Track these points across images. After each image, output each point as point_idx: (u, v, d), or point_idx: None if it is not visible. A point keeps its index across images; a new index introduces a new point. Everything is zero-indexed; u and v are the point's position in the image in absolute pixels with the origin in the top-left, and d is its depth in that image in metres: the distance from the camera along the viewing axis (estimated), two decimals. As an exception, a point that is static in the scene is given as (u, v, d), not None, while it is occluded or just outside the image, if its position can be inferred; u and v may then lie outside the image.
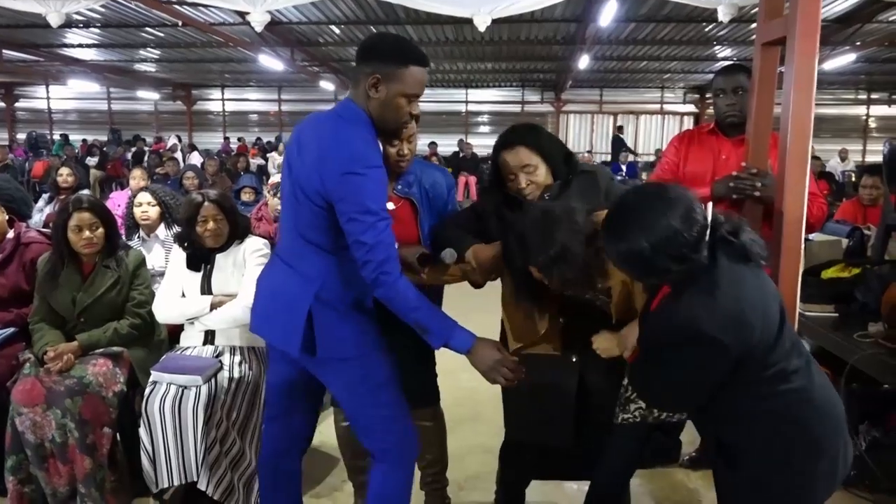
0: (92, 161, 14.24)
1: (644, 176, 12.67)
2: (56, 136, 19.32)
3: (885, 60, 14.26)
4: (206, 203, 2.74)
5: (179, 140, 18.23)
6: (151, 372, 2.59)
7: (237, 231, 2.82)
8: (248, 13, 7.70)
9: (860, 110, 19.55)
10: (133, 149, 16.51)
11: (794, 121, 2.25)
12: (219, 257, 2.81)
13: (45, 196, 5.62)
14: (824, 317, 3.12)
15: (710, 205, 1.69)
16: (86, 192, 5.61)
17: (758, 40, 2.55)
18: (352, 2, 10.00)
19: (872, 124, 20.00)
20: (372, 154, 1.87)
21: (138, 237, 3.69)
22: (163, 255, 3.63)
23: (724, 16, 7.33)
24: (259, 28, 7.82)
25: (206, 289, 2.79)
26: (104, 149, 16.34)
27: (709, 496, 2.90)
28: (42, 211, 5.43)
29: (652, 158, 18.46)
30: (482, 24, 7.60)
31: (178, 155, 14.90)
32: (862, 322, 3.01)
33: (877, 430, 2.99)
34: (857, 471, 2.86)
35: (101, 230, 2.77)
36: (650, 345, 1.77)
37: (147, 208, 3.64)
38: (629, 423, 2.15)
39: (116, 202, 5.82)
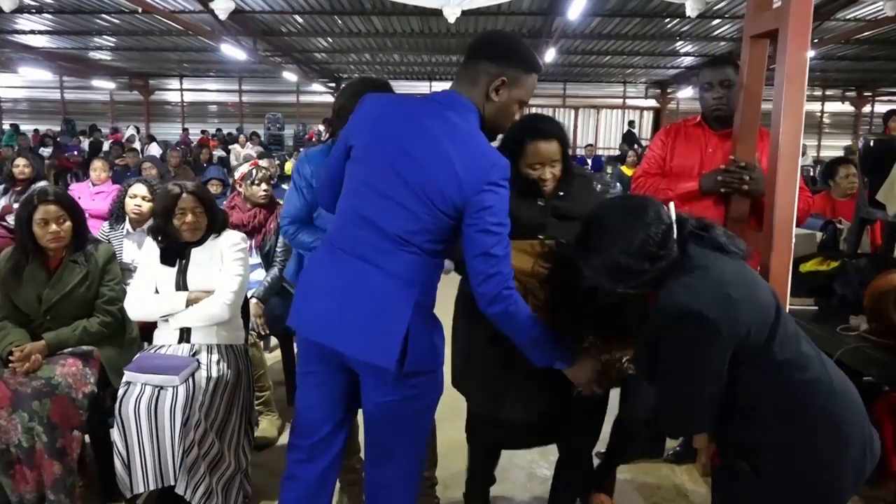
0: (45, 152, 13.76)
1: (609, 169, 12.74)
2: (6, 126, 18.65)
3: (839, 58, 14.63)
4: (184, 195, 2.62)
5: (138, 131, 17.76)
6: (125, 372, 2.47)
7: (215, 224, 2.71)
8: (211, 0, 7.54)
9: (815, 106, 20.04)
10: (89, 139, 16.01)
11: (786, 114, 2.25)
12: (195, 251, 2.69)
13: (0, 188, 5.37)
14: (804, 310, 3.13)
15: (671, 205, 1.72)
16: (43, 183, 5.40)
17: (746, 32, 2.54)
18: (317, -10, 9.83)
19: (827, 120, 20.53)
20: (508, 164, 1.76)
21: (123, 228, 3.53)
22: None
23: (691, 10, 7.43)
24: (223, 16, 7.67)
25: (181, 284, 2.67)
26: (57, 139, 15.82)
27: (697, 491, 2.91)
28: (-3, 203, 5.21)
29: (615, 153, 18.66)
30: (451, 15, 7.55)
31: (137, 146, 14.51)
32: (842, 315, 3.04)
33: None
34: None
35: (68, 223, 2.63)
36: (646, 355, 1.74)
37: (141, 202, 3.47)
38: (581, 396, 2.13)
39: (75, 194, 5.61)
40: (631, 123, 19.03)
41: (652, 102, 20.53)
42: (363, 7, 10.87)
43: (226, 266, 2.66)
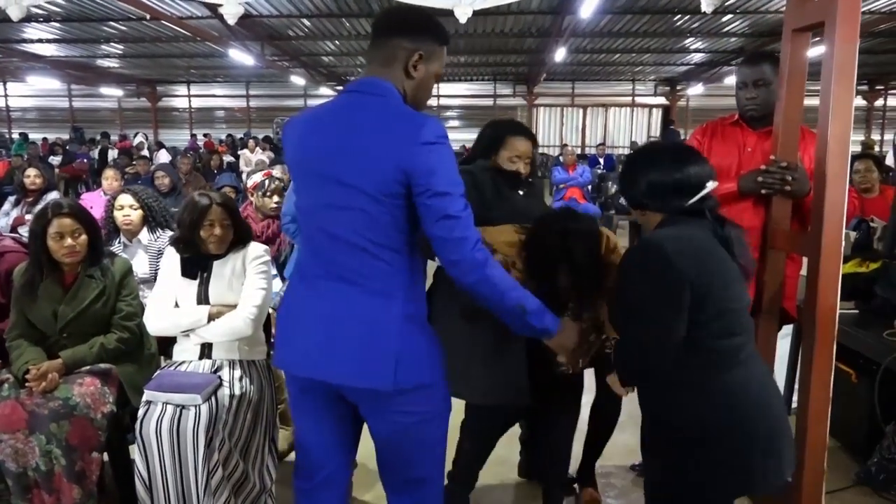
0: (55, 160, 13.74)
1: (620, 168, 12.60)
2: (15, 136, 18.66)
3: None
4: (213, 206, 2.52)
5: (146, 138, 17.72)
6: (145, 391, 2.37)
7: (240, 237, 2.61)
8: (220, 6, 7.46)
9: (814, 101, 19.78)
10: (98, 147, 15.99)
11: (835, 112, 2.14)
12: (216, 264, 2.59)
13: (11, 199, 5.31)
14: (844, 313, 3.01)
15: (712, 183, 1.78)
16: (55, 193, 5.34)
17: (787, 26, 2.43)
18: (324, -7, 9.76)
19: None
20: (438, 122, 1.66)
21: (119, 242, 3.45)
22: (146, 260, 3.40)
23: (707, 6, 7.31)
24: (232, 21, 7.57)
25: (202, 298, 2.57)
26: (66, 147, 15.79)
27: None
28: (8, 214, 5.14)
29: (625, 151, 18.53)
30: (463, 15, 7.46)
31: (145, 153, 14.48)
32: (885, 319, 2.93)
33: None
34: (886, 474, 2.77)
35: (83, 237, 2.54)
36: (619, 293, 1.82)
37: (129, 211, 3.39)
38: (562, 372, 2.18)
39: (88, 203, 5.54)
40: (671, 122, 18.83)
41: (661, 100, 20.38)
42: (371, 9, 10.78)
43: (248, 279, 2.57)
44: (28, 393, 2.38)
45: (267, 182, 3.32)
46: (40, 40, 13.39)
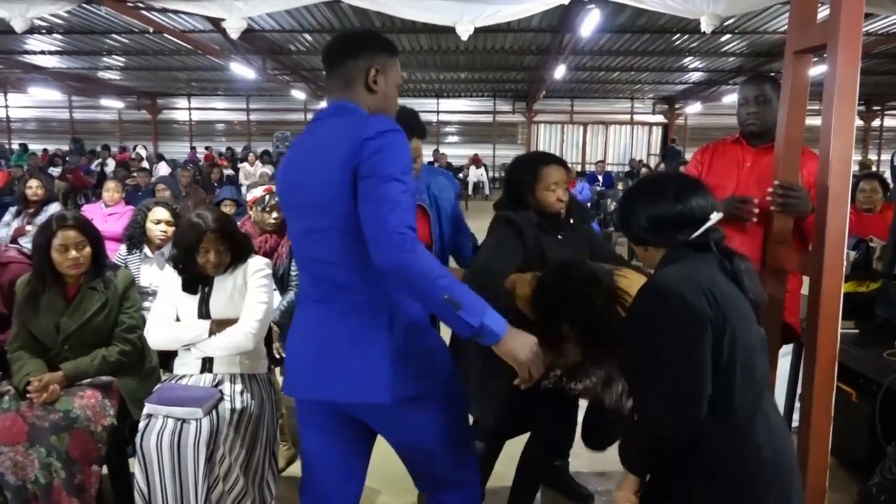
0: (55, 171, 13.74)
1: (620, 186, 12.66)
2: (14, 146, 18.68)
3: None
4: (208, 234, 2.50)
5: (145, 150, 17.77)
6: (146, 404, 2.37)
7: (239, 255, 2.60)
8: (222, 20, 7.50)
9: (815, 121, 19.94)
10: (98, 159, 16.01)
11: (836, 132, 2.15)
12: (217, 279, 2.59)
13: (12, 209, 5.31)
14: (844, 333, 3.00)
15: (717, 215, 1.69)
16: (55, 204, 5.34)
17: (789, 48, 2.45)
18: (327, 9, 9.79)
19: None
20: (387, 121, 1.65)
21: (140, 252, 3.43)
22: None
23: (706, 27, 7.33)
24: (235, 35, 7.60)
25: (203, 312, 2.57)
26: (66, 159, 15.82)
27: None
28: (9, 225, 5.14)
29: (625, 168, 18.60)
30: (464, 32, 7.48)
31: (145, 164, 14.49)
32: (885, 339, 2.93)
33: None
34: (887, 495, 2.76)
35: (88, 249, 2.55)
36: (635, 343, 1.66)
37: (166, 228, 3.38)
38: (547, 388, 2.16)
39: (89, 215, 5.52)
40: (673, 140, 18.94)
41: (660, 118, 20.48)
42: (372, 24, 10.84)
43: (249, 293, 2.56)
44: (29, 405, 2.37)
45: (267, 198, 3.31)
46: (42, 52, 13.43)
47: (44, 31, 11.51)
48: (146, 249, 3.42)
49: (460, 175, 16.97)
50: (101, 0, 7.48)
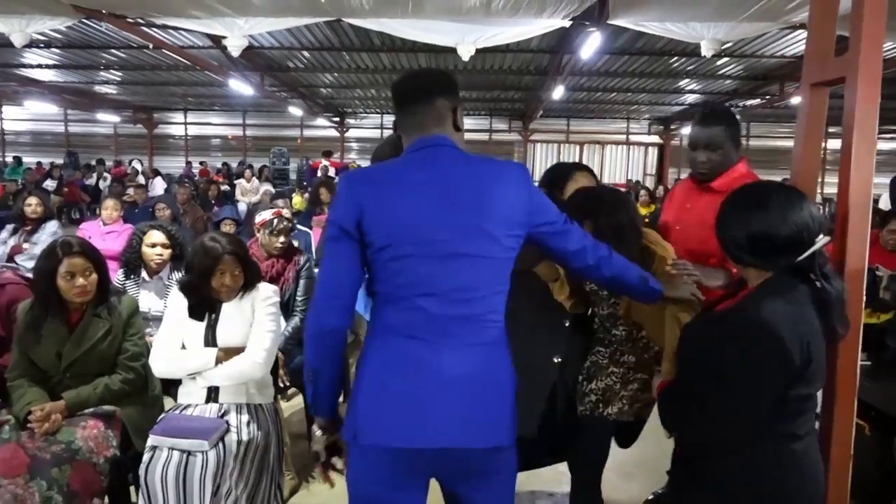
0: (50, 185, 13.67)
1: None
2: (8, 159, 18.59)
3: (842, 96, 14.65)
4: (225, 256, 2.47)
5: (141, 164, 17.70)
6: (150, 436, 2.31)
7: (249, 279, 2.57)
8: (223, 38, 7.49)
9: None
10: (93, 173, 15.94)
11: (856, 165, 2.13)
12: (225, 305, 2.55)
13: (9, 227, 5.22)
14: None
15: (825, 238, 1.59)
16: (53, 222, 5.27)
17: (806, 80, 2.43)
18: (326, 27, 9.80)
19: (830, 158, 20.56)
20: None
21: (138, 277, 3.38)
22: (163, 298, 3.34)
23: (707, 51, 7.39)
24: (236, 53, 7.59)
25: (210, 340, 2.52)
26: (62, 173, 15.75)
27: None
28: (6, 243, 5.06)
29: (622, 189, 18.65)
30: (466, 53, 7.50)
31: (140, 180, 14.44)
32: (898, 371, 2.91)
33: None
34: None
35: (94, 276, 2.50)
36: (701, 355, 1.61)
37: (162, 250, 3.34)
38: (584, 414, 2.34)
39: (86, 234, 5.47)
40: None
41: (655, 139, 20.58)
42: (372, 43, 10.86)
43: (258, 321, 2.52)
44: (30, 435, 2.31)
45: (276, 221, 3.27)
46: (39, 65, 13.37)
47: (42, 45, 11.47)
48: (143, 274, 3.37)
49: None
50: (102, 16, 7.44)
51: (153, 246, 3.33)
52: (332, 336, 1.63)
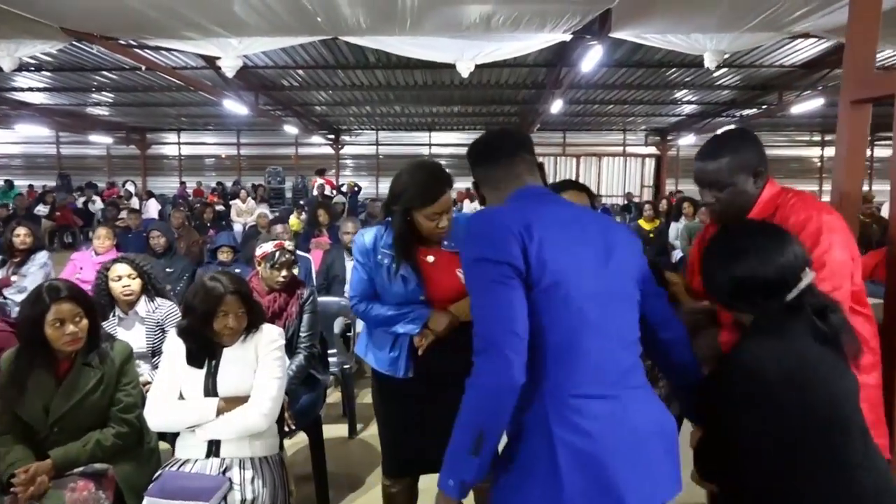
0: (43, 210, 13.45)
1: (618, 220, 12.52)
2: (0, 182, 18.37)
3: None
4: (227, 296, 2.30)
5: (135, 186, 17.50)
6: (146, 497, 2.11)
7: (252, 321, 2.38)
8: (218, 58, 7.34)
9: (815, 152, 20.06)
10: (83, 197, 15.73)
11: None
12: (226, 351, 2.36)
13: (-3, 258, 5.02)
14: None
15: (811, 274, 1.54)
16: (43, 253, 5.07)
17: (845, 97, 2.28)
18: (321, 45, 9.66)
19: (827, 165, 20.51)
20: None
21: (114, 315, 3.20)
22: (144, 333, 3.15)
23: (710, 63, 7.28)
24: (231, 74, 7.45)
25: (210, 389, 2.33)
26: (54, 197, 15.53)
27: None
28: (-7, 276, 4.86)
29: (620, 200, 18.55)
30: (465, 70, 7.37)
31: (135, 201, 14.24)
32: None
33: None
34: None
35: (84, 321, 2.31)
36: (718, 401, 1.57)
37: (128, 281, 3.15)
38: None
39: (78, 264, 5.27)
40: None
41: (652, 150, 20.49)
42: (367, 60, 10.73)
43: (262, 367, 2.33)
44: (13, 500, 2.11)
45: (278, 254, 3.09)
46: (30, 89, 13.23)
47: (32, 69, 11.32)
48: (118, 311, 3.19)
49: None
50: (93, 39, 7.28)
51: (118, 279, 3.16)
52: (516, 393, 1.45)
